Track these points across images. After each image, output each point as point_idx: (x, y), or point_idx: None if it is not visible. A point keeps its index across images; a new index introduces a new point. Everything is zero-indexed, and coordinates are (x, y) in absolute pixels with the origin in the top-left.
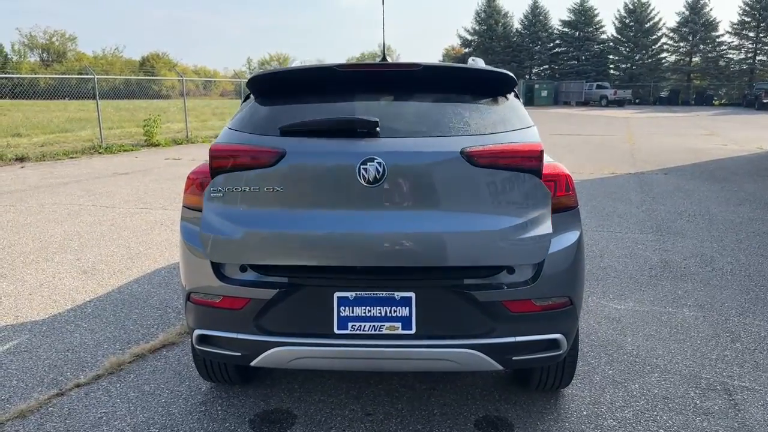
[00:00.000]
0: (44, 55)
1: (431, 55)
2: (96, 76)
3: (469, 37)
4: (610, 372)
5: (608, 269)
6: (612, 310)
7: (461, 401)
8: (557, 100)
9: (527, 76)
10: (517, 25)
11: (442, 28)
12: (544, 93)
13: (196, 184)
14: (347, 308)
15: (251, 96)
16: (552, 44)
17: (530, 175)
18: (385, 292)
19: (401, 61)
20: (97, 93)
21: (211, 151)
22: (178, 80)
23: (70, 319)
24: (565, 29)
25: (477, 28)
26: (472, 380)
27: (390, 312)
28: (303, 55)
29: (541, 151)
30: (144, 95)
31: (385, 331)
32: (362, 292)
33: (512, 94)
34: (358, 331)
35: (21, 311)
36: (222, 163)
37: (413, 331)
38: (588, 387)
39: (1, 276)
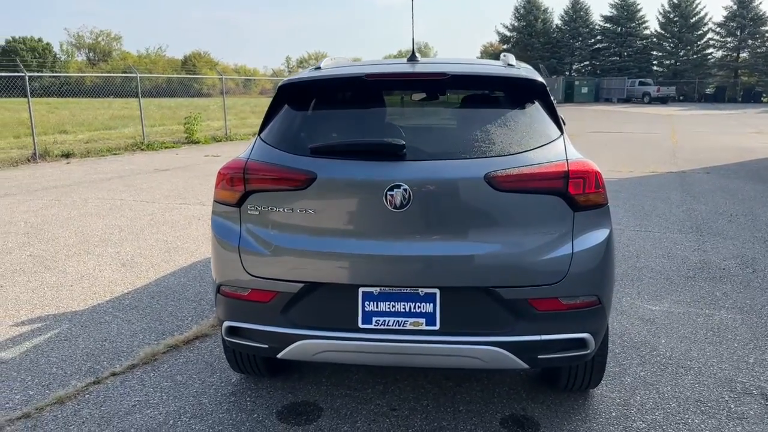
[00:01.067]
0: (90, 54)
1: (469, 52)
2: (139, 75)
3: (508, 34)
4: (642, 373)
5: (644, 269)
6: (646, 311)
7: (487, 399)
8: (598, 96)
9: (567, 73)
10: (557, 21)
11: (480, 25)
12: (585, 90)
13: (227, 179)
14: (372, 303)
15: (283, 102)
16: (593, 40)
17: (554, 196)
18: (409, 288)
19: (429, 66)
20: (140, 91)
21: (248, 168)
22: (218, 79)
23: (108, 310)
24: (607, 25)
25: (516, 24)
26: (500, 378)
27: (414, 308)
28: (341, 53)
29: (565, 172)
30: (185, 93)
31: (409, 327)
32: (387, 288)
33: (540, 100)
34: (382, 326)
35: (62, 302)
36: (258, 182)
37: (437, 327)
38: (618, 388)
39: (45, 267)
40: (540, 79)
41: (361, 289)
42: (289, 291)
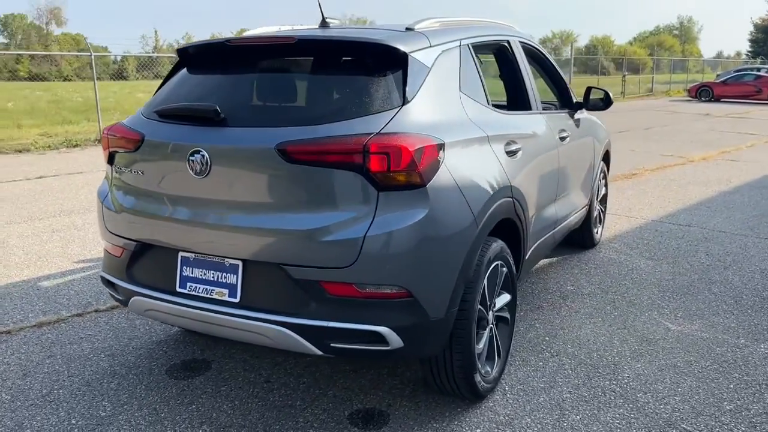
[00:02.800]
0: None
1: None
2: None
3: None
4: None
5: (718, 283)
6: (659, 328)
7: (349, 389)
8: None
9: None
10: None
11: None
12: None
13: (102, 139)
14: (188, 268)
15: (172, 69)
16: None
17: (353, 172)
18: (217, 258)
19: (296, 32)
20: None
21: (110, 129)
22: None
23: None
24: None
25: None
26: (367, 371)
27: (221, 278)
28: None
29: (365, 146)
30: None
31: (215, 296)
32: (200, 255)
33: (396, 68)
34: (194, 292)
35: None
36: (113, 142)
37: (237, 300)
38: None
39: None
40: (404, 47)
41: (180, 254)
42: (129, 248)
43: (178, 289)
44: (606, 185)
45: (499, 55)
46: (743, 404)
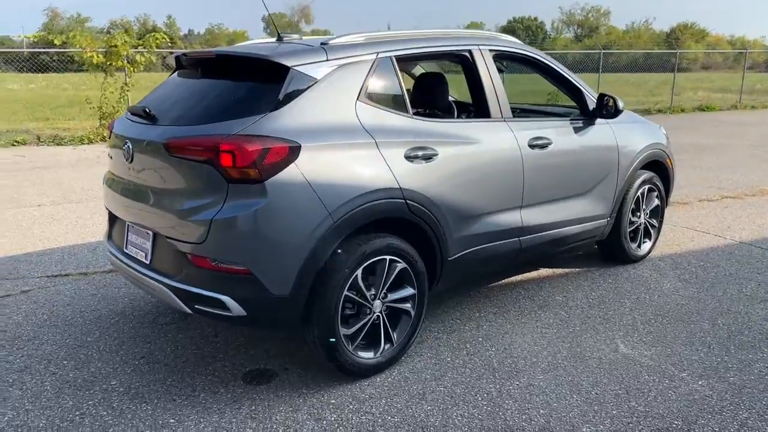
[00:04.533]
0: (578, 30)
1: None
2: (602, 51)
3: None
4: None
5: (730, 315)
6: (604, 350)
7: (249, 350)
8: None
9: None
10: None
11: None
12: None
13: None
14: (131, 234)
15: None
16: None
17: (210, 166)
18: (141, 227)
19: (230, 48)
20: (600, 66)
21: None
22: (703, 52)
23: None
24: None
25: None
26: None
27: (142, 243)
28: None
29: (217, 145)
30: (660, 69)
31: (139, 257)
32: (134, 224)
33: (274, 80)
34: (131, 253)
35: None
36: (108, 133)
37: (149, 261)
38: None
39: None
40: (288, 62)
41: (127, 222)
42: (110, 217)
43: (125, 250)
44: (661, 197)
45: (462, 64)
46: (597, 431)
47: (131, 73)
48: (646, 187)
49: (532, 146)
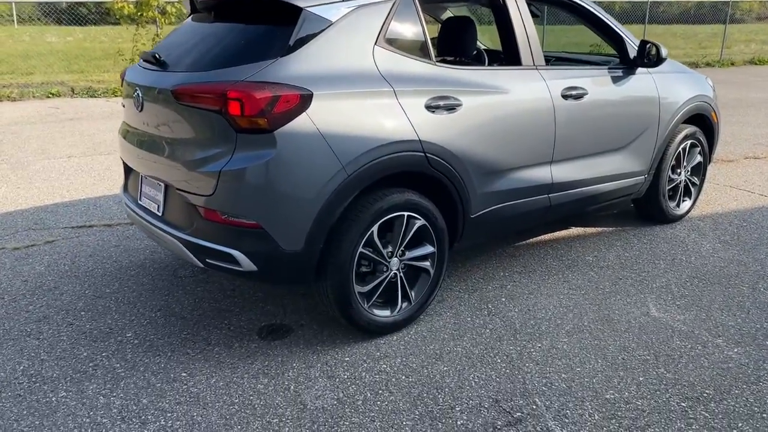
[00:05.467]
0: None
1: None
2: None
3: None
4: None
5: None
6: (634, 313)
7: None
8: None
9: None
10: None
11: None
12: None
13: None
14: (145, 186)
15: None
16: None
17: (218, 114)
18: (153, 178)
19: None
20: (647, 17)
21: None
22: (759, 2)
23: None
24: None
25: None
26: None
27: (156, 195)
28: None
29: (224, 93)
30: (713, 20)
31: (152, 209)
32: (147, 175)
33: (286, 22)
34: (145, 205)
35: None
36: (121, 81)
37: (161, 213)
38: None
39: None
40: (300, 3)
41: (141, 173)
42: (125, 168)
43: (140, 201)
44: (703, 154)
45: (491, 6)
46: (622, 398)
47: (162, 24)
48: (689, 142)
49: (565, 97)
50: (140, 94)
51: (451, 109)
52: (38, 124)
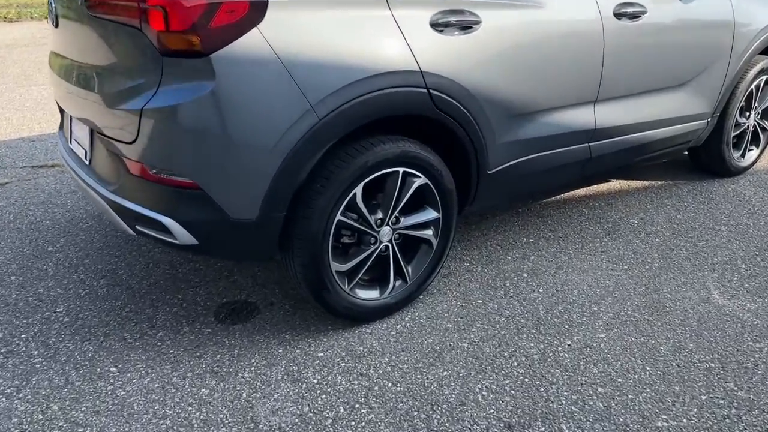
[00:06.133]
0: None
1: None
2: None
3: None
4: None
5: None
6: (693, 297)
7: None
8: None
9: None
10: None
11: None
12: None
13: None
14: (75, 126)
15: None
16: None
17: (138, 30)
18: (78, 118)
19: None
20: None
21: None
22: None
23: None
24: None
25: None
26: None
27: (82, 139)
28: None
29: None
30: None
31: (81, 155)
32: (73, 113)
33: None
34: (75, 149)
35: None
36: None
37: (88, 162)
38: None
39: None
40: None
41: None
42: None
43: (70, 145)
44: None
45: None
46: (679, 428)
47: None
48: (763, 78)
49: (618, 15)
50: (53, 4)
51: (466, 28)
52: (30, 47)
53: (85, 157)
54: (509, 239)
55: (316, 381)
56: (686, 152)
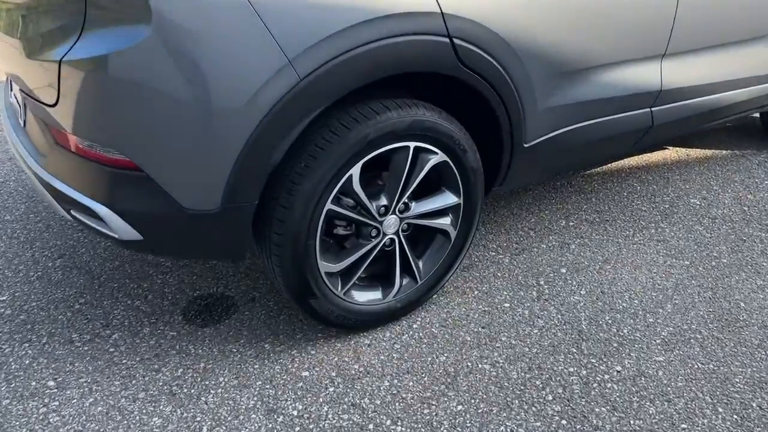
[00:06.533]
0: None
1: None
2: None
3: None
4: None
5: None
6: (640, 366)
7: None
8: None
9: None
10: None
11: None
12: None
13: None
14: (13, 84)
15: None
16: None
17: None
18: (10, 74)
19: None
20: None
21: None
22: None
23: None
24: None
25: None
26: None
27: (19, 99)
28: None
29: None
30: None
31: (19, 119)
32: (5, 65)
33: None
34: (13, 103)
35: None
36: None
37: (23, 123)
38: None
39: None
40: None
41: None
42: None
43: (9, 99)
44: None
45: None
46: None
47: None
48: None
49: None
50: None
51: None
52: None
53: (20, 117)
54: (545, 222)
55: (295, 413)
56: (757, 114)
